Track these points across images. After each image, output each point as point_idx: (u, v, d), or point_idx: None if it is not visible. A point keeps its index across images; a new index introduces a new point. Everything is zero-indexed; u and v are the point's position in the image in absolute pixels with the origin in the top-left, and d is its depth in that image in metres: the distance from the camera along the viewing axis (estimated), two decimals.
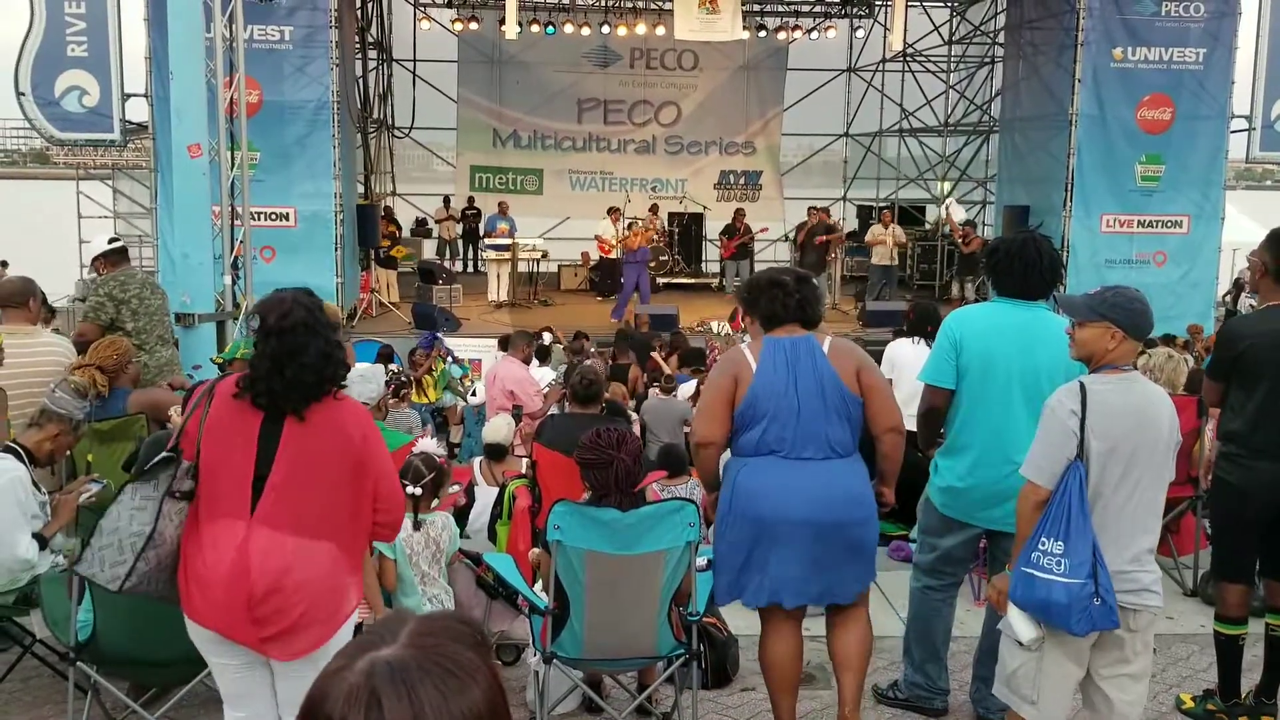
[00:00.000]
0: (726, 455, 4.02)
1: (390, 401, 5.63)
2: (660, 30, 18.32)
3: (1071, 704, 3.55)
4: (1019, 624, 3.34)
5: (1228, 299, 15.33)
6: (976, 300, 15.81)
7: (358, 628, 3.47)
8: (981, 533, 4.22)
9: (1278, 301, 4.28)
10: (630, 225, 17.40)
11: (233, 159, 8.85)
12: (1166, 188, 13.94)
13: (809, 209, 17.94)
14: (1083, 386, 3.32)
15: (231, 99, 8.78)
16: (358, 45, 17.24)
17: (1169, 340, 9.45)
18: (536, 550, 3.88)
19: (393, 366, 9.93)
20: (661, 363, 10.37)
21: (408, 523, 4.08)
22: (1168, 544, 5.77)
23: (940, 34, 19.72)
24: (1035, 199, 15.26)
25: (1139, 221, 14.02)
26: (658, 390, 9.01)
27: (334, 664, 1.12)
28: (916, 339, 6.76)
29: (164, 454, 3.01)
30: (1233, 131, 14.25)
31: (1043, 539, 3.26)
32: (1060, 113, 14.17)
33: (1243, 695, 4.37)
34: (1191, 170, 13.94)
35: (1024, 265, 4.09)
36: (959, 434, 4.16)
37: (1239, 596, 4.31)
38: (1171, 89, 13.76)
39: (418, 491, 4.20)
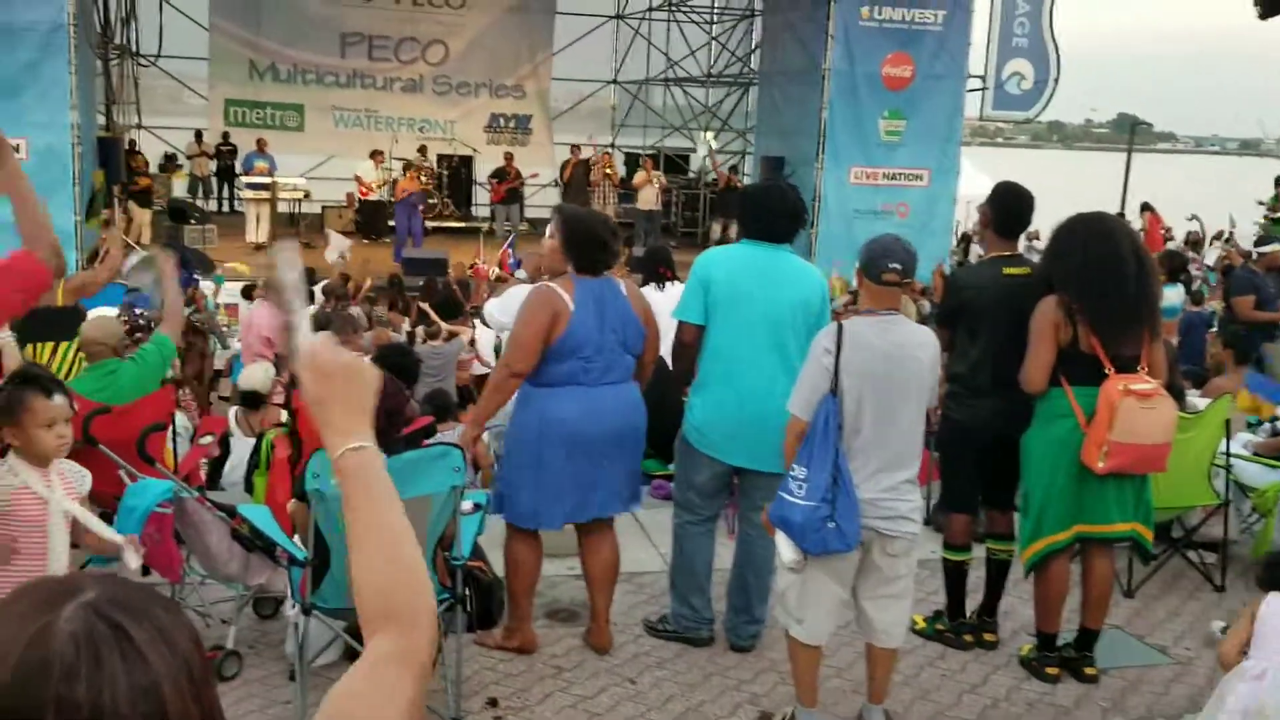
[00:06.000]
0: None
1: (127, 344, 5.25)
2: None
3: (838, 622, 3.83)
4: (783, 547, 3.55)
5: (959, 249, 16.46)
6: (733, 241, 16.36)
7: None
8: (731, 468, 4.42)
9: (999, 252, 4.60)
10: (407, 168, 16.95)
11: None
12: (909, 142, 14.70)
13: (572, 147, 17.98)
14: (840, 326, 3.56)
15: None
16: None
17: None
18: (294, 501, 3.78)
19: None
20: (429, 309, 10.23)
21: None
22: None
23: None
24: (790, 150, 15.80)
25: (884, 175, 14.78)
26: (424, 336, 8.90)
27: (23, 612, 0.95)
28: (659, 284, 6.88)
29: None
30: (969, 90, 15.25)
31: (794, 465, 3.51)
32: (814, 68, 14.66)
33: (967, 615, 4.75)
34: (931, 126, 14.73)
35: (770, 210, 4.35)
36: (706, 370, 4.37)
37: (963, 525, 4.65)
38: (912, 47, 14.50)
39: None
